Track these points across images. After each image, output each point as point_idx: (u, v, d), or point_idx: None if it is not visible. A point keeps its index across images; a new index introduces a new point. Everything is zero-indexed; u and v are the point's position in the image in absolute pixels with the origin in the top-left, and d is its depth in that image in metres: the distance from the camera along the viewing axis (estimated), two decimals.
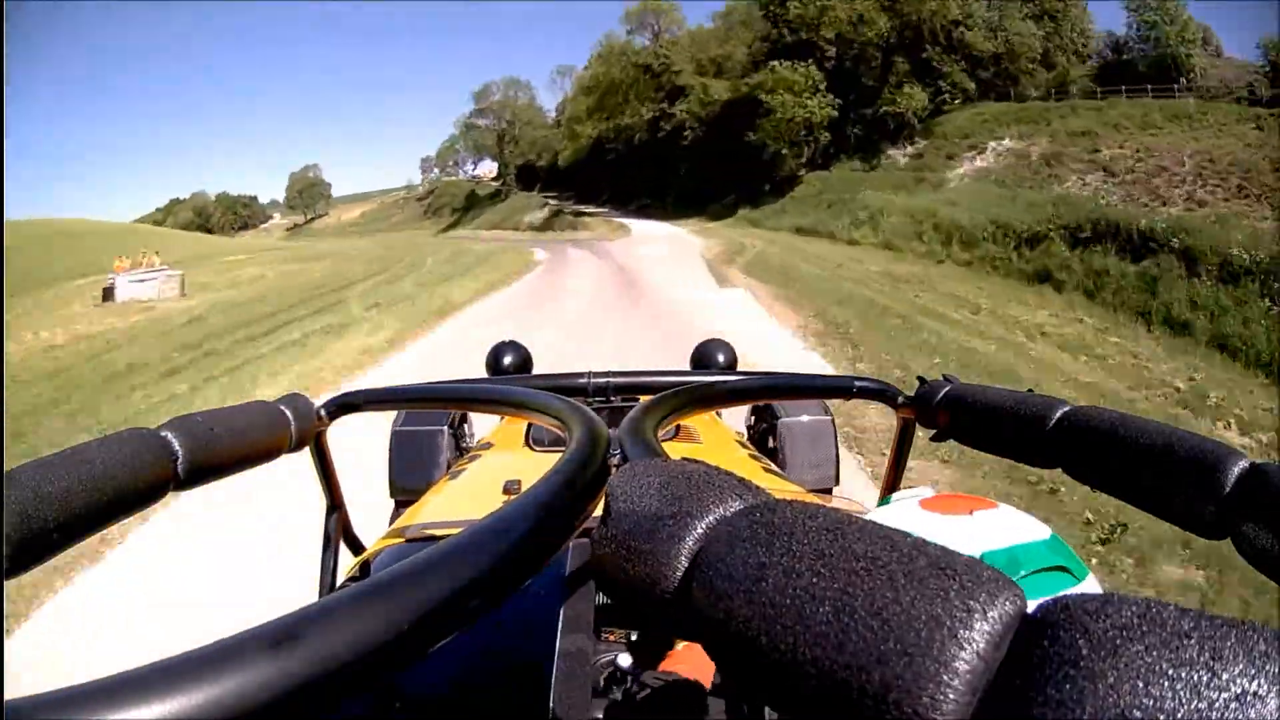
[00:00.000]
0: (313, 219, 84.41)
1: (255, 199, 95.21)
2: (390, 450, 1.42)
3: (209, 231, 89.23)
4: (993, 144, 22.46)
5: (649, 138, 33.44)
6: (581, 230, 28.45)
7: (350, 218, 79.96)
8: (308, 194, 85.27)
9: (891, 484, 0.76)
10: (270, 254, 28.00)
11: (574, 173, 44.45)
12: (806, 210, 21.80)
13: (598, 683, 0.55)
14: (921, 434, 0.69)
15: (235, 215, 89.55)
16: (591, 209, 35.14)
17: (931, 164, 22.98)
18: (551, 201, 41.54)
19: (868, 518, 0.42)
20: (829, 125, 24.59)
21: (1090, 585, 0.42)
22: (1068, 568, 0.42)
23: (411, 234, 52.54)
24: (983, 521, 0.44)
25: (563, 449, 0.42)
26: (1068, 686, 0.13)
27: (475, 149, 63.49)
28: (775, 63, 24.40)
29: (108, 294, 15.61)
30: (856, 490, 2.57)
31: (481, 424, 1.67)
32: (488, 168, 66.77)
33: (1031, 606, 0.15)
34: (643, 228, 24.87)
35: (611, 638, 0.61)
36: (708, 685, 0.53)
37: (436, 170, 73.42)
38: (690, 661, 0.56)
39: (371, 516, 1.14)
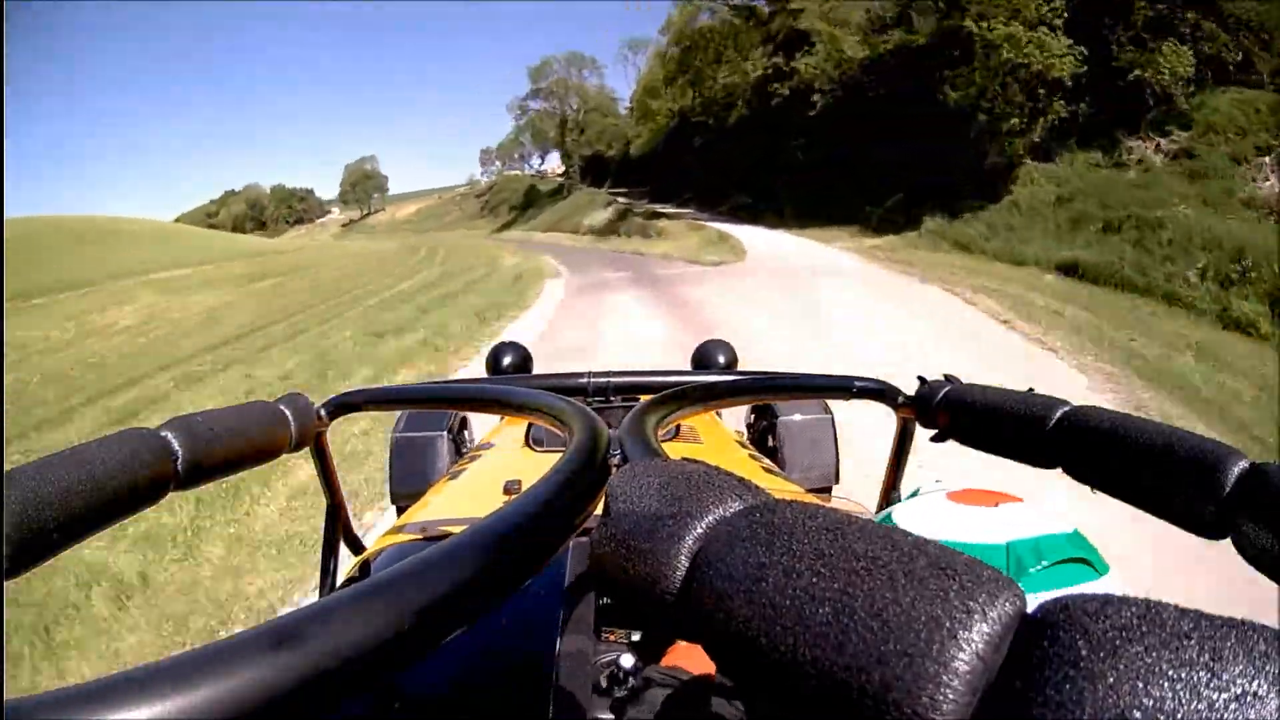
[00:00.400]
0: (366, 215, 78.97)
1: (311, 192, 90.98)
2: (390, 456, 1.44)
3: (262, 225, 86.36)
4: None
5: (753, 109, 23.90)
6: (656, 241, 18.93)
7: (405, 214, 74.15)
8: (361, 187, 79.76)
9: (892, 484, 0.78)
10: (223, 267, 20.99)
11: (649, 163, 35.40)
12: (1057, 229, 12.03)
13: (599, 683, 0.56)
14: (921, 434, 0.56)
15: (290, 209, 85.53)
16: (669, 209, 25.98)
17: (1218, 167, 12.64)
18: (619, 199, 32.72)
19: (895, 512, 0.51)
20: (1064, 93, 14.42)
21: (1112, 581, 0.43)
22: (1090, 561, 0.44)
23: (464, 233, 46.68)
24: (1008, 513, 0.46)
25: (563, 449, 0.42)
26: (1067, 687, 0.13)
27: (537, 139, 55.50)
28: None
29: None
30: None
31: (481, 431, 1.63)
32: (556, 164, 58.38)
33: (1032, 606, 0.15)
34: (762, 243, 14.97)
35: (612, 638, 0.62)
36: (711, 678, 0.52)
37: (499, 164, 66.02)
38: (693, 656, 0.56)
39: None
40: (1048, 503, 0.52)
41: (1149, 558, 2.16)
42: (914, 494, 0.55)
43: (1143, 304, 7.95)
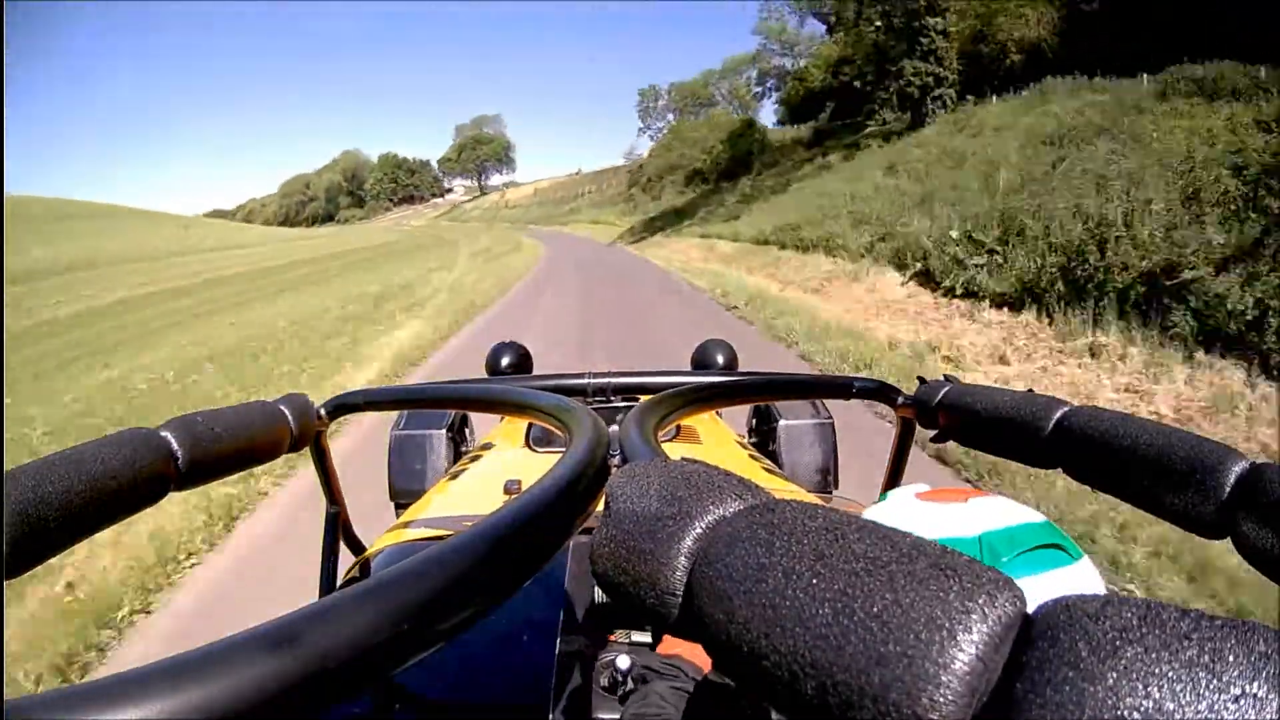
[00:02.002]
0: (471, 199, 56.79)
1: (426, 164, 69.79)
2: (390, 454, 1.44)
3: (360, 203, 68.23)
4: None
5: None
6: None
7: (518, 196, 50.91)
8: (470, 155, 57.03)
9: (892, 483, 0.78)
10: None
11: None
12: None
13: (598, 682, 0.57)
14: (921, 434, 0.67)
15: (396, 184, 66.05)
16: None
17: None
18: None
19: (865, 516, 0.49)
20: None
21: (1085, 566, 0.44)
22: (1063, 546, 0.45)
23: (573, 230, 22.18)
24: (979, 507, 0.47)
25: (563, 449, 0.42)
26: (1067, 689, 0.12)
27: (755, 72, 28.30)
28: None
29: None
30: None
31: (482, 429, 1.65)
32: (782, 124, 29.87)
33: (1032, 607, 0.15)
34: None
35: (612, 638, 0.63)
36: (709, 675, 0.52)
37: (672, 116, 40.03)
38: (691, 646, 0.54)
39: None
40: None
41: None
42: (882, 498, 0.54)
43: None
